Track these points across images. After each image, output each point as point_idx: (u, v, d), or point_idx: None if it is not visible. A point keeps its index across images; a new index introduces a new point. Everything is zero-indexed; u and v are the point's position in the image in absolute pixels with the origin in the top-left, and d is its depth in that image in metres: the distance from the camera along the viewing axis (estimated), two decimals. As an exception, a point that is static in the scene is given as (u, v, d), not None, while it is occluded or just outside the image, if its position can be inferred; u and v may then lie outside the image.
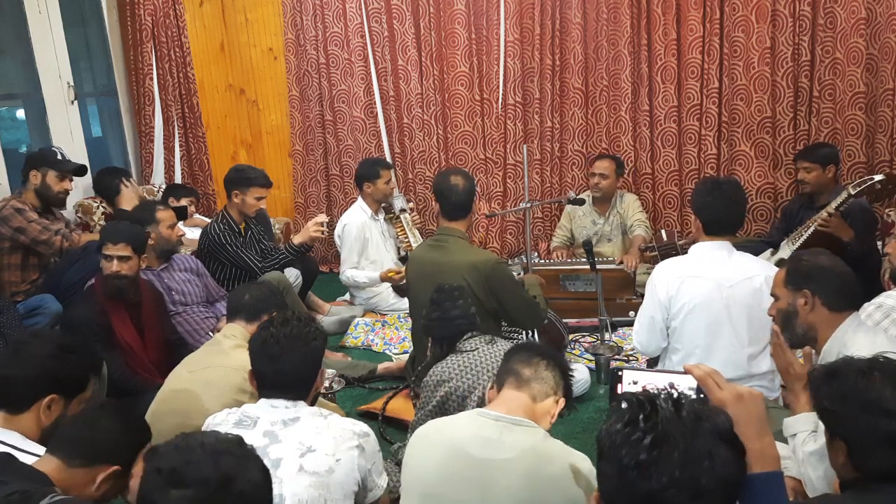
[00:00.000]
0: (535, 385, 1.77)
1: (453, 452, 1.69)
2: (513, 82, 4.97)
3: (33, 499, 1.42)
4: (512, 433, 1.67)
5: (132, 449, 1.68)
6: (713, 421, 1.08)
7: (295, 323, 1.95)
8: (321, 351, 1.99)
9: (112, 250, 2.92)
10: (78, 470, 1.59)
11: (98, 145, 4.93)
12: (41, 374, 1.83)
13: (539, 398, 1.77)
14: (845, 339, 1.98)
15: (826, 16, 4.36)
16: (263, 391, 1.93)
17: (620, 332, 3.88)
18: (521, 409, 1.73)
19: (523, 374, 1.78)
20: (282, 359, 1.88)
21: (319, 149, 5.40)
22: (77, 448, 1.61)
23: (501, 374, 1.83)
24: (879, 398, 1.41)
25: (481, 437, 1.68)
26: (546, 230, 5.20)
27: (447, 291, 2.56)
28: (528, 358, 1.82)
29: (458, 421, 1.78)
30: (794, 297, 2.08)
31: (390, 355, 3.88)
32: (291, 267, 4.16)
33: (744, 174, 4.71)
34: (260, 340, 1.93)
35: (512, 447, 1.64)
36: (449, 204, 3.02)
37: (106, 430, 1.64)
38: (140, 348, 3.01)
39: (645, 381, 1.58)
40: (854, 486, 1.46)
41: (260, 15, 5.34)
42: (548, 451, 1.67)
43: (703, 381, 1.27)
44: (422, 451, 1.75)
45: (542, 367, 1.80)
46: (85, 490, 1.60)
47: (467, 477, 1.65)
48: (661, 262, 2.80)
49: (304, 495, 1.74)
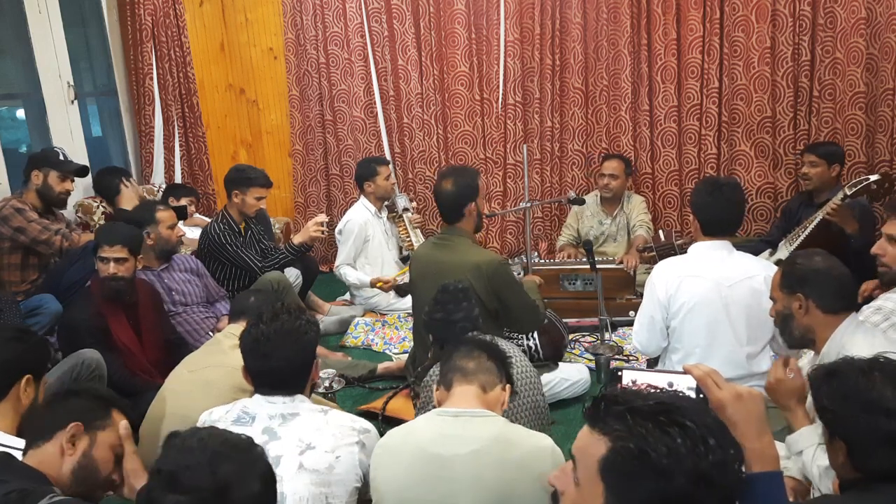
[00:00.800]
0: (481, 376, 1.82)
1: (419, 456, 1.72)
2: (513, 82, 4.97)
3: (31, 497, 1.42)
4: (473, 425, 1.71)
5: (85, 404, 1.68)
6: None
7: (285, 318, 1.91)
8: (314, 343, 1.96)
9: (108, 252, 2.91)
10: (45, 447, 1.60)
11: (98, 145, 4.93)
12: (9, 358, 1.92)
13: (488, 388, 1.82)
14: (843, 341, 1.97)
15: (826, 16, 4.36)
16: (259, 388, 1.92)
17: (620, 331, 3.88)
18: (475, 400, 1.78)
19: (468, 367, 1.83)
20: (274, 356, 1.86)
21: (319, 148, 5.40)
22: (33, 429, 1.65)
23: (446, 374, 1.87)
24: (880, 398, 1.41)
25: (444, 436, 1.71)
26: (546, 230, 5.20)
27: (452, 292, 2.55)
28: (468, 352, 1.87)
29: (418, 424, 1.82)
30: (789, 300, 2.08)
31: (390, 355, 3.88)
32: (291, 267, 4.16)
33: (744, 174, 4.71)
34: (251, 338, 1.90)
35: (476, 438, 1.69)
36: (440, 208, 3.04)
37: (55, 405, 1.68)
38: (138, 349, 3.01)
39: (645, 381, 1.58)
40: (854, 486, 1.46)
41: (260, 15, 5.34)
42: (511, 437, 1.72)
43: (703, 380, 1.27)
44: (388, 461, 1.77)
45: (484, 358, 1.86)
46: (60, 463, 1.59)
47: (438, 476, 1.68)
48: (661, 262, 2.80)
49: (304, 493, 1.74)
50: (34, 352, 2.01)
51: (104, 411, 1.68)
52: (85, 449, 1.62)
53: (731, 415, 1.21)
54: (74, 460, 1.60)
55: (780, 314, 2.13)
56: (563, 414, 3.09)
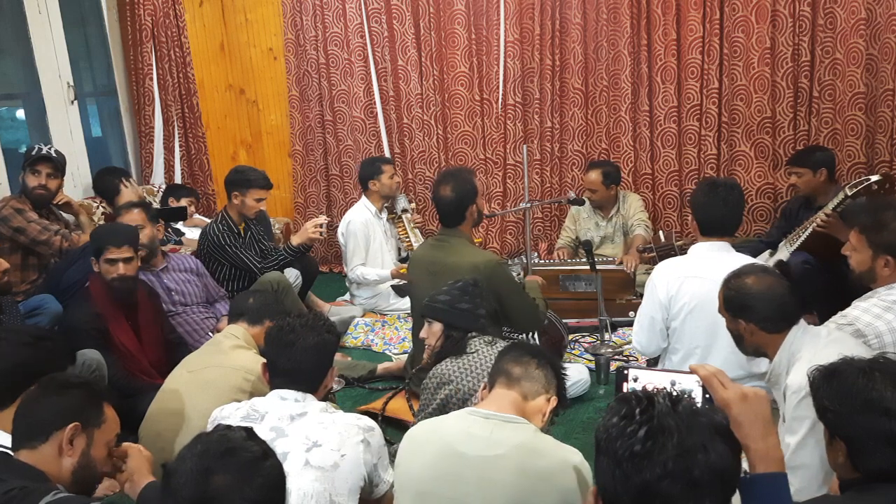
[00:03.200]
0: (525, 383, 1.78)
1: (444, 451, 1.70)
2: (513, 82, 4.97)
3: (34, 495, 1.42)
4: (502, 430, 1.68)
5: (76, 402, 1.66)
6: (709, 416, 1.09)
7: (311, 316, 2.06)
8: (334, 345, 2.05)
9: (116, 253, 2.90)
10: (42, 449, 1.59)
11: (98, 145, 4.93)
12: (19, 364, 1.87)
13: (530, 396, 1.77)
14: (793, 350, 2.01)
15: (826, 16, 4.36)
16: (275, 380, 1.97)
17: (620, 332, 3.88)
18: (511, 406, 1.74)
19: (513, 372, 1.79)
20: (295, 346, 1.95)
21: (319, 149, 5.40)
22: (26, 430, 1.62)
23: (493, 374, 1.84)
24: (880, 398, 1.41)
25: (472, 435, 1.69)
26: (546, 230, 5.21)
27: (462, 286, 2.55)
28: (518, 357, 1.83)
29: (448, 420, 1.80)
30: (734, 323, 2.11)
31: (390, 355, 3.88)
32: (291, 267, 4.15)
33: (744, 174, 4.72)
34: (276, 328, 2.02)
35: (503, 444, 1.65)
36: (441, 213, 3.05)
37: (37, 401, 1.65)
38: (138, 350, 3.01)
39: (650, 381, 1.58)
40: (854, 486, 1.46)
41: (260, 15, 5.34)
42: (539, 447, 1.67)
43: (708, 380, 1.27)
44: (413, 452, 1.76)
45: (533, 365, 1.81)
46: (60, 464, 1.59)
47: (460, 474, 1.67)
48: (661, 263, 2.80)
49: (309, 489, 1.75)
50: (47, 359, 1.94)
51: (98, 409, 1.68)
52: (83, 448, 1.62)
53: (736, 415, 1.21)
54: (74, 461, 1.60)
55: (731, 331, 2.16)
56: (563, 414, 3.09)
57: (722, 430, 1.09)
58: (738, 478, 1.08)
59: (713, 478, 1.02)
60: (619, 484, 1.03)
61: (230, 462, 1.24)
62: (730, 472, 1.06)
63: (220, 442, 1.27)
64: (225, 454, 1.24)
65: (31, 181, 3.53)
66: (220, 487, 1.20)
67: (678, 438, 1.02)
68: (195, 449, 1.25)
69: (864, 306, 2.30)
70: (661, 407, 1.06)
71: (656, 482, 1.00)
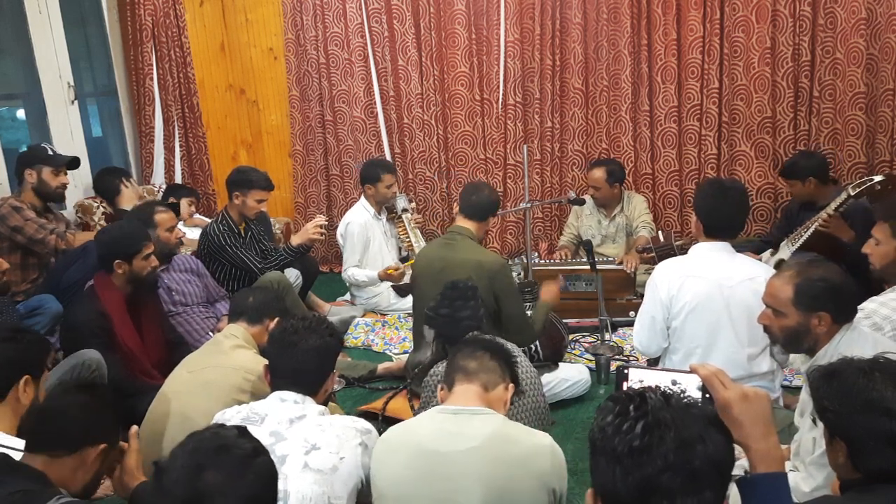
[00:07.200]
0: (483, 375, 1.84)
1: (418, 452, 1.73)
2: (513, 82, 4.97)
3: (38, 500, 1.42)
4: (471, 423, 1.73)
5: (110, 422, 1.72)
6: (700, 408, 1.11)
7: (314, 319, 2.08)
8: (336, 348, 2.08)
9: (149, 248, 2.99)
10: (65, 459, 1.61)
11: (98, 145, 4.93)
12: (5, 359, 1.91)
13: (490, 387, 1.84)
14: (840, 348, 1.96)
15: (826, 16, 4.36)
16: (276, 381, 1.98)
17: (620, 332, 3.88)
18: (476, 399, 1.80)
19: (470, 367, 1.85)
20: (297, 347, 1.97)
21: (319, 149, 5.40)
22: (58, 439, 1.63)
23: (449, 374, 1.89)
24: (880, 398, 1.41)
25: (444, 432, 1.73)
26: (546, 230, 5.20)
27: (461, 290, 2.55)
28: (471, 352, 1.89)
29: (419, 421, 1.85)
30: (807, 317, 2.01)
31: (390, 355, 3.88)
32: (291, 267, 4.15)
33: (744, 174, 4.71)
34: (280, 329, 2.05)
35: (474, 436, 1.70)
36: (468, 202, 3.10)
37: (79, 413, 1.67)
38: (140, 349, 3.00)
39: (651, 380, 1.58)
40: (854, 486, 1.46)
41: (260, 15, 5.34)
42: (511, 434, 1.74)
43: (709, 380, 1.27)
44: (388, 456, 1.79)
45: (487, 357, 1.88)
46: (75, 475, 1.62)
47: (436, 472, 1.70)
48: (662, 262, 2.80)
49: (308, 492, 1.75)
50: (30, 351, 2.00)
51: (118, 433, 1.75)
52: (98, 467, 1.68)
53: (736, 415, 1.20)
54: (89, 476, 1.65)
55: (790, 329, 2.06)
56: (563, 414, 3.09)
57: (715, 421, 1.10)
58: (732, 469, 1.08)
59: (712, 468, 1.03)
60: (619, 481, 1.03)
61: (221, 459, 1.24)
62: (726, 462, 1.06)
63: (212, 439, 1.28)
64: (216, 451, 1.24)
65: (55, 180, 3.60)
66: (212, 484, 1.20)
67: (676, 431, 1.03)
68: (187, 447, 1.26)
69: (882, 300, 2.31)
70: (655, 402, 1.06)
71: (657, 476, 1.01)
